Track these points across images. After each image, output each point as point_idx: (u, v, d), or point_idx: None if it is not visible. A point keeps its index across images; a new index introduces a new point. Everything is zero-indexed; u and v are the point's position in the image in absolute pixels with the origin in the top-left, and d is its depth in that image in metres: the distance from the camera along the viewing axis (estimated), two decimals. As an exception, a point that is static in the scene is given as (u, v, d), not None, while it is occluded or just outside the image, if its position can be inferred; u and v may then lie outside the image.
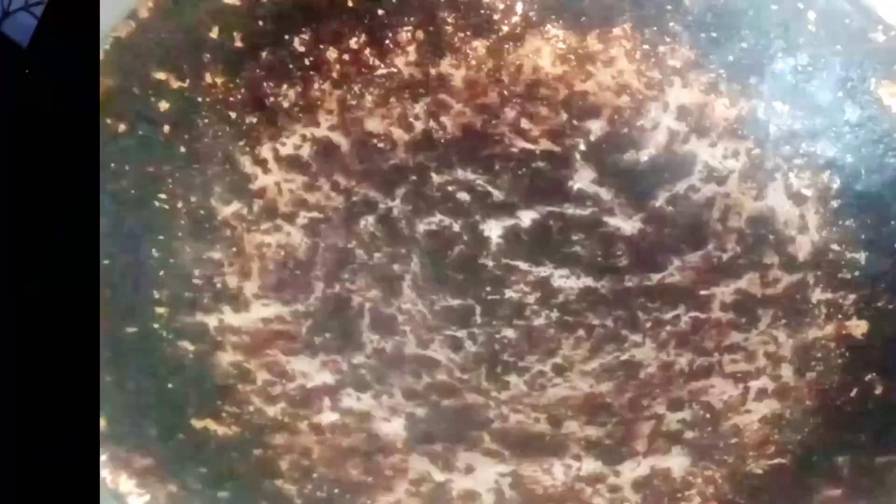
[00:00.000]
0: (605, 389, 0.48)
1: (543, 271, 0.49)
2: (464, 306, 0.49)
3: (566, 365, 0.48)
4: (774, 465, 0.45)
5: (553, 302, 0.49)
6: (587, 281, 0.49)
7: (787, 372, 0.47)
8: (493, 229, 0.49)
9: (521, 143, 0.50)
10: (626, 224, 0.49)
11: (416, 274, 0.49)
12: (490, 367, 0.48)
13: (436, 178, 0.49)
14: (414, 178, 0.49)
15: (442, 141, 0.49)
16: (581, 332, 0.48)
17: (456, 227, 0.49)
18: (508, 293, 0.49)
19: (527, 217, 0.50)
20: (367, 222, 0.49)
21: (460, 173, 0.49)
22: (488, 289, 0.49)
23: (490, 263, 0.49)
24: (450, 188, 0.49)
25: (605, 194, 0.50)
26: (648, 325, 0.48)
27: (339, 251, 0.49)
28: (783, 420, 0.46)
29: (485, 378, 0.48)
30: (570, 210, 0.49)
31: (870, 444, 0.44)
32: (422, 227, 0.49)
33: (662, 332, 0.48)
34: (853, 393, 0.46)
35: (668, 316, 0.48)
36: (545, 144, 0.50)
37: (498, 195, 0.50)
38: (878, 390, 0.45)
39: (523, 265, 0.49)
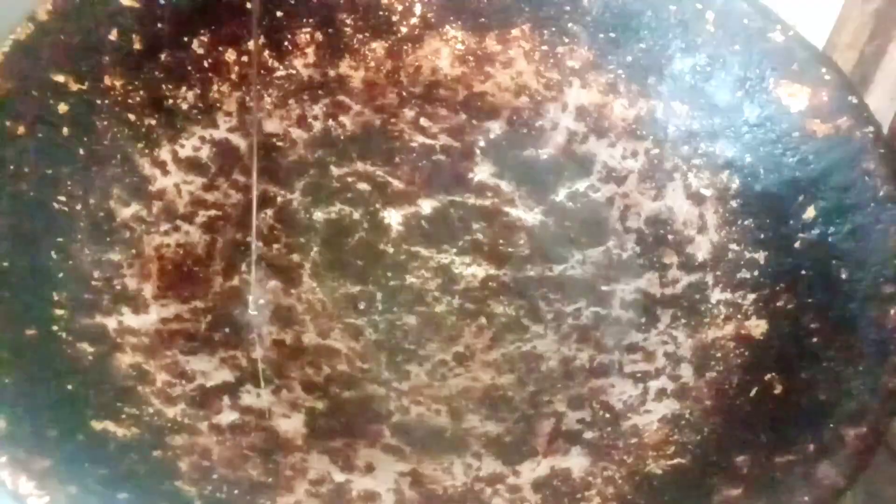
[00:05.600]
0: (506, 382, 0.53)
1: (444, 258, 0.55)
2: (364, 293, 0.55)
3: (468, 354, 0.54)
4: (674, 465, 0.51)
5: (454, 289, 0.55)
6: (489, 269, 0.55)
7: (686, 372, 0.53)
8: (394, 217, 0.55)
9: (421, 139, 0.55)
10: (528, 215, 0.55)
11: (315, 262, 0.55)
12: (391, 355, 0.54)
13: (335, 171, 0.55)
14: (313, 171, 0.55)
15: (341, 138, 0.55)
16: (483, 321, 0.54)
17: (356, 216, 0.55)
18: (410, 279, 0.55)
19: (427, 205, 0.55)
20: (266, 215, 0.54)
21: (360, 165, 0.55)
22: (389, 275, 0.55)
23: (390, 250, 0.55)
24: (349, 179, 0.55)
25: (505, 186, 0.55)
26: (550, 316, 0.54)
27: (237, 244, 0.54)
28: (683, 420, 0.52)
29: (385, 367, 0.53)
30: (470, 200, 0.55)
31: (769, 443, 0.50)
32: (321, 217, 0.55)
33: (564, 324, 0.54)
34: (752, 392, 0.51)
35: (570, 308, 0.54)
36: (445, 140, 0.55)
37: (398, 185, 0.55)
38: (778, 390, 0.51)
39: (424, 251, 0.55)
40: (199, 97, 0.53)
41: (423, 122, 0.55)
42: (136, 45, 0.52)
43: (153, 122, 0.53)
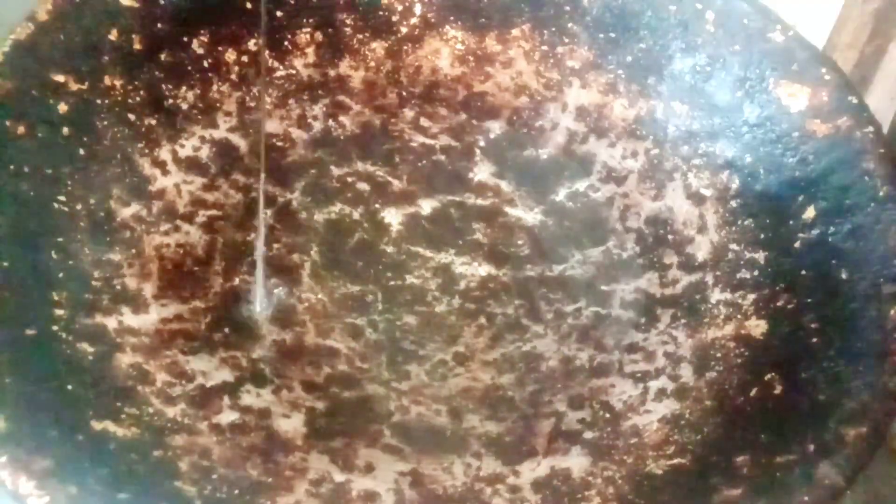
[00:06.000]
0: (506, 381, 0.54)
1: (444, 258, 0.55)
2: (364, 293, 0.55)
3: (468, 354, 0.54)
4: (674, 465, 0.51)
5: (454, 289, 0.55)
6: (488, 268, 0.55)
7: (686, 372, 0.53)
8: (394, 217, 0.55)
9: (421, 139, 0.55)
10: (528, 215, 0.55)
11: (315, 262, 0.55)
12: (391, 355, 0.54)
13: (335, 171, 0.55)
14: (313, 171, 0.55)
15: (341, 137, 0.55)
16: (482, 320, 0.55)
17: (356, 216, 0.55)
18: (410, 279, 0.55)
19: (427, 205, 0.56)
20: (266, 215, 0.54)
21: (360, 165, 0.55)
22: (389, 275, 0.55)
23: (390, 249, 0.55)
24: (349, 179, 0.55)
25: (505, 186, 0.55)
26: (550, 316, 0.55)
27: (237, 245, 0.54)
28: (683, 420, 0.52)
29: (385, 367, 0.54)
30: (470, 200, 0.56)
31: (769, 443, 0.50)
32: (321, 217, 0.55)
33: (564, 324, 0.55)
34: (753, 392, 0.51)
35: (570, 308, 0.55)
36: (445, 140, 0.55)
37: (398, 185, 0.55)
38: (778, 390, 0.51)
39: (424, 251, 0.55)
40: (199, 97, 0.54)
41: (423, 122, 0.55)
42: (136, 45, 0.53)
43: (153, 122, 0.53)
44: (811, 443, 0.49)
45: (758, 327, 0.53)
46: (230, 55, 0.54)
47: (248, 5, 0.53)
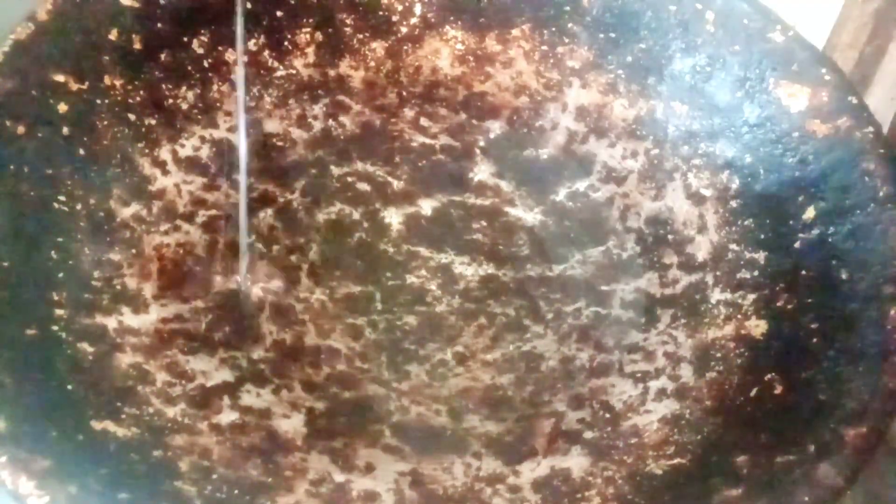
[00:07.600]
0: (506, 381, 0.54)
1: (444, 258, 0.55)
2: (364, 293, 0.55)
3: (468, 354, 0.54)
4: (674, 465, 0.51)
5: (454, 289, 0.55)
6: (488, 268, 0.55)
7: (686, 372, 0.53)
8: (394, 217, 0.56)
9: (421, 139, 0.55)
10: (528, 215, 0.55)
11: (315, 262, 0.55)
12: (391, 355, 0.54)
13: (335, 171, 0.55)
14: (314, 171, 0.55)
15: (341, 137, 0.55)
16: (482, 320, 0.55)
17: (356, 216, 0.56)
18: (410, 279, 0.55)
19: (427, 205, 0.56)
20: (266, 214, 0.55)
21: (360, 165, 0.55)
22: (389, 275, 0.55)
23: (391, 249, 0.55)
24: (349, 179, 0.55)
25: (505, 186, 0.56)
26: (550, 316, 0.55)
27: (237, 244, 0.54)
28: (683, 420, 0.52)
29: (385, 367, 0.54)
30: (470, 200, 0.56)
31: (769, 443, 0.50)
32: (321, 217, 0.55)
33: (564, 324, 0.55)
34: (753, 393, 0.51)
35: (570, 308, 0.55)
36: (445, 140, 0.55)
37: (398, 185, 0.56)
38: (778, 390, 0.51)
39: (424, 251, 0.55)
40: (199, 97, 0.54)
41: (423, 122, 0.55)
42: (136, 45, 0.53)
43: (153, 122, 0.53)
44: (811, 443, 0.49)
45: (758, 327, 0.53)
46: (230, 55, 0.54)
47: (249, 5, 0.52)
